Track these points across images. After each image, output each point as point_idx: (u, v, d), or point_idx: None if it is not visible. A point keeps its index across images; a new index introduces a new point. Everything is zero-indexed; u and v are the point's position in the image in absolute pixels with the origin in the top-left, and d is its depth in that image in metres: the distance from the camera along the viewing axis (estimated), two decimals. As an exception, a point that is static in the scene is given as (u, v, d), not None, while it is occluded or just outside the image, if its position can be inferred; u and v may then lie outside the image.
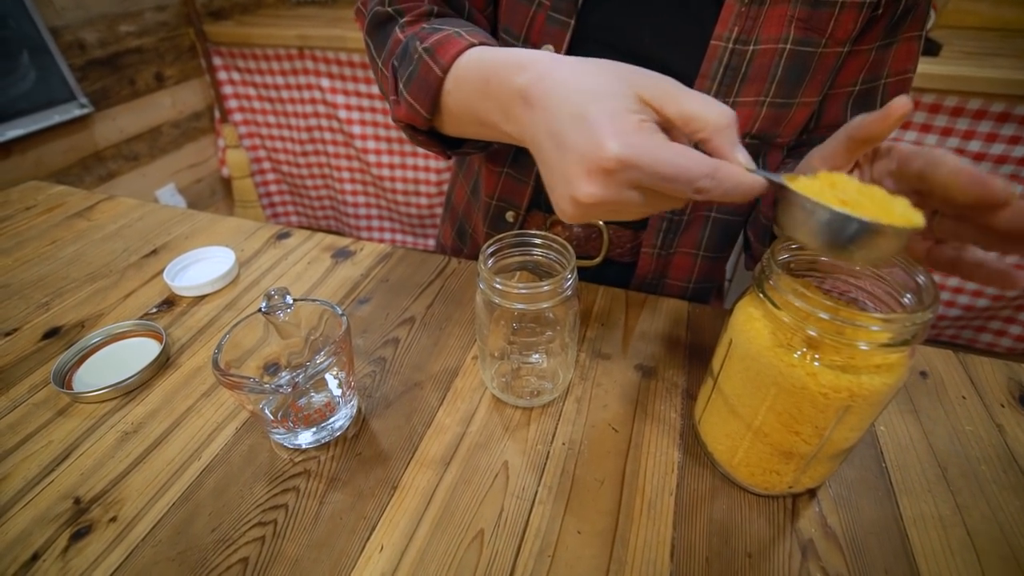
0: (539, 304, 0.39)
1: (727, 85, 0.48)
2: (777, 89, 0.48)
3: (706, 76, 0.48)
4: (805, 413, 0.31)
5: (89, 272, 0.64)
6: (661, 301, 0.57)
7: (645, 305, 0.57)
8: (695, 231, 0.59)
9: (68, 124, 1.51)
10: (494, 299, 0.39)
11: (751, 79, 0.48)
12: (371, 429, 0.44)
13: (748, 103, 0.49)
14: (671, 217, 0.57)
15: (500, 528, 0.37)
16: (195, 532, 0.37)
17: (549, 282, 0.38)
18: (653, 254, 0.60)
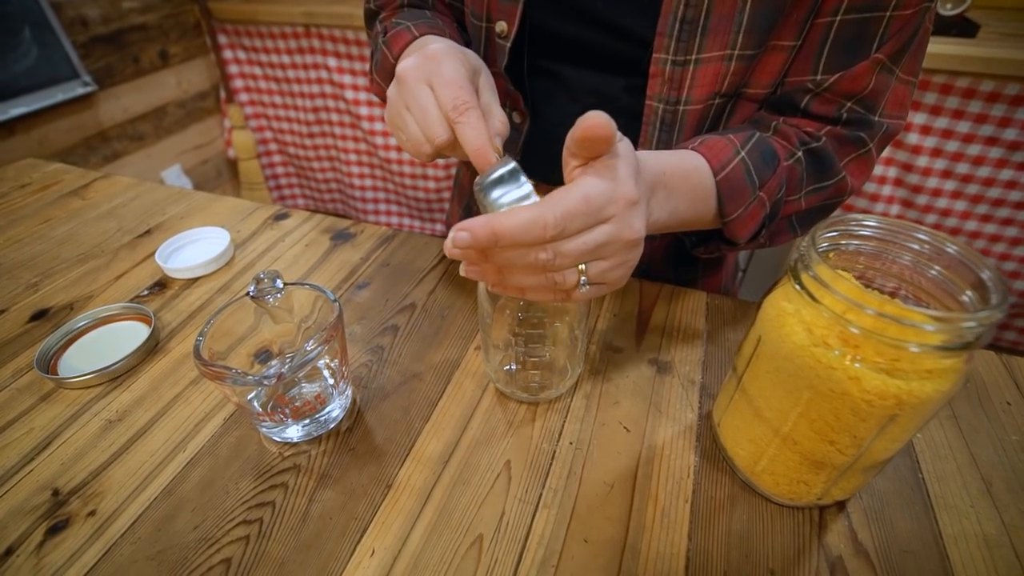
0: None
1: (686, 41, 0.43)
2: (746, 39, 0.43)
3: (663, 34, 0.44)
4: (843, 421, 0.28)
5: (81, 252, 0.62)
6: (678, 291, 0.54)
7: (660, 295, 0.53)
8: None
9: (72, 103, 1.48)
10: (481, 281, 0.36)
11: (712, 31, 0.43)
12: (366, 422, 0.42)
13: (713, 59, 0.44)
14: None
15: (500, 534, 0.34)
16: (176, 529, 0.35)
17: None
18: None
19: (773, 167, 0.44)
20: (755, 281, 1.64)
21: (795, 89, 0.47)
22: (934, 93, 1.26)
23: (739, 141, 0.43)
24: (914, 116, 1.30)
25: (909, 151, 1.34)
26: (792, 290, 0.30)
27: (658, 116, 0.48)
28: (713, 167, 0.42)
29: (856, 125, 0.47)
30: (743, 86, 0.47)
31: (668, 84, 0.46)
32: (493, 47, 0.53)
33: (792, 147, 0.46)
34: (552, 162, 0.57)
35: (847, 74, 0.44)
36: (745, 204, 0.44)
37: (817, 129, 0.47)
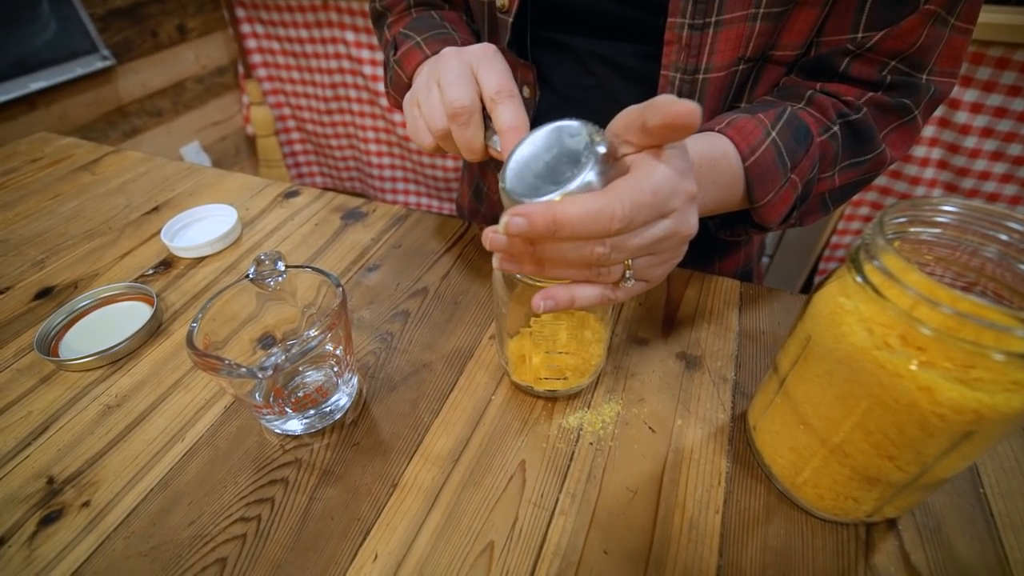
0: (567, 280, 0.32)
1: (704, 3, 0.39)
2: None
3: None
4: (908, 436, 0.24)
5: (88, 229, 0.61)
6: (709, 279, 0.50)
7: (690, 283, 0.50)
8: None
9: (91, 77, 1.48)
10: (516, 273, 0.33)
11: None
12: (372, 415, 0.39)
13: (736, 20, 0.40)
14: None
15: (513, 541, 0.32)
16: (172, 524, 0.33)
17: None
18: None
19: (806, 146, 0.41)
20: (783, 267, 1.57)
21: (832, 51, 0.42)
22: (988, 68, 1.16)
23: (769, 120, 0.40)
24: (963, 93, 1.21)
25: (957, 131, 1.25)
26: (851, 284, 0.26)
27: (675, 87, 0.44)
28: (742, 152, 0.39)
29: (901, 90, 0.42)
30: (772, 48, 0.43)
31: (686, 51, 0.42)
32: (496, 24, 0.49)
33: (828, 120, 0.42)
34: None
35: (893, 31, 0.39)
36: (776, 188, 0.40)
37: (857, 96, 0.43)
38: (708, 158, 0.38)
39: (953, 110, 1.23)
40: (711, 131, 0.40)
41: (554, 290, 0.29)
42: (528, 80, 0.53)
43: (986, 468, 0.35)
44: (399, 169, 1.94)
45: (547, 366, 0.37)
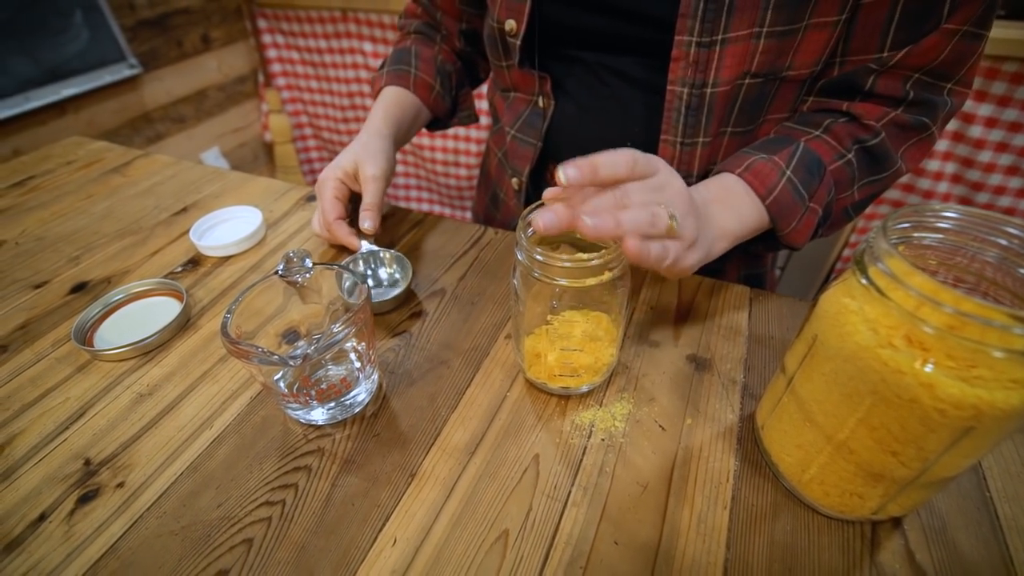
0: (585, 281, 0.34)
1: (711, 21, 0.41)
2: (775, 16, 0.40)
3: (686, 15, 0.42)
4: (910, 431, 0.25)
5: (119, 228, 0.63)
6: (719, 284, 0.51)
7: (700, 288, 0.51)
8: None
9: (118, 85, 1.53)
10: (534, 272, 0.34)
11: (739, 9, 0.41)
12: (391, 408, 0.41)
13: (740, 38, 0.42)
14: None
15: (527, 530, 0.33)
16: (201, 506, 0.35)
17: (598, 256, 0.33)
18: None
19: (820, 176, 0.45)
20: (795, 279, 1.57)
21: (857, 70, 0.45)
22: (1003, 82, 1.17)
23: (783, 161, 0.44)
24: (978, 107, 1.21)
25: (971, 145, 1.25)
26: (856, 285, 0.27)
27: (682, 100, 0.46)
28: (760, 193, 0.43)
29: (921, 107, 0.45)
30: (786, 68, 0.44)
31: (693, 67, 0.44)
32: (507, 47, 0.53)
33: (842, 148, 0.46)
34: (577, 143, 0.56)
35: (915, 49, 0.41)
36: (797, 218, 0.45)
37: (879, 118, 0.45)
38: (723, 189, 0.44)
39: (968, 124, 1.23)
40: (731, 174, 0.44)
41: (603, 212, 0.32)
42: (543, 90, 0.55)
43: (992, 471, 0.35)
44: (413, 177, 1.97)
45: (561, 363, 0.39)
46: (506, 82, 0.59)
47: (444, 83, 0.65)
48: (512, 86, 0.58)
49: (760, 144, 0.47)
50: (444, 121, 0.70)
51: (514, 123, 0.60)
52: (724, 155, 0.51)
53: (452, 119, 0.70)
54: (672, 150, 0.49)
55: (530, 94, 0.57)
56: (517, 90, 0.58)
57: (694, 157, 0.49)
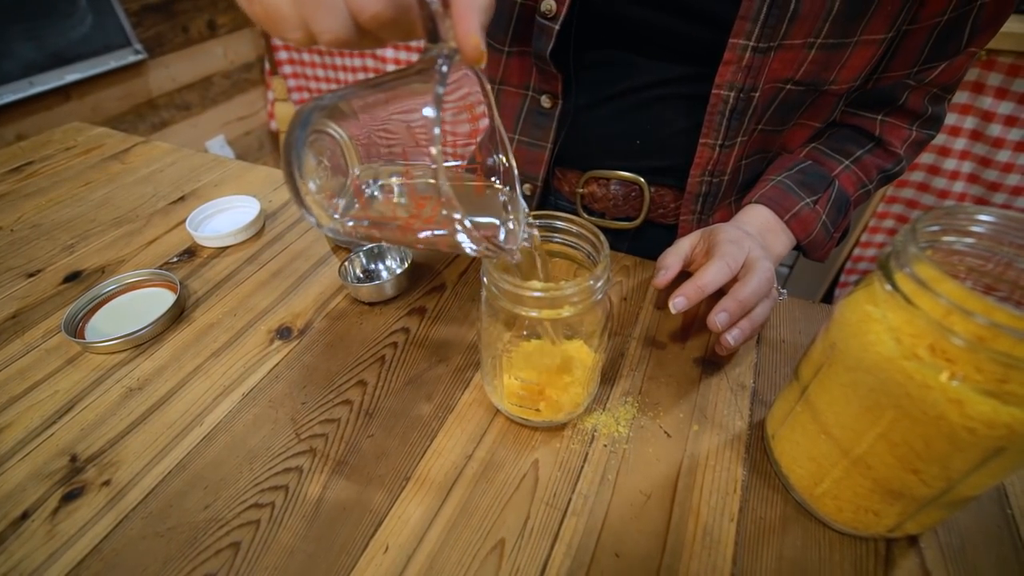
0: (560, 311, 0.30)
1: (771, 27, 0.40)
2: (831, 28, 0.40)
3: (746, 18, 0.40)
4: (935, 449, 0.24)
5: (116, 216, 0.62)
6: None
7: (709, 289, 0.49)
8: (731, 184, 0.52)
9: (123, 70, 1.51)
10: (500, 301, 0.31)
11: (801, 17, 0.39)
12: (386, 408, 0.39)
13: (795, 47, 0.41)
14: (711, 179, 0.50)
15: (524, 539, 0.32)
16: (188, 507, 0.34)
17: (573, 284, 0.29)
18: (693, 220, 0.53)
19: (845, 211, 0.50)
20: (803, 279, 1.55)
21: (895, 84, 0.47)
22: (1026, 80, 1.13)
23: (823, 207, 0.48)
24: (998, 106, 1.18)
25: (990, 144, 1.22)
26: (879, 292, 0.25)
27: (728, 104, 0.45)
28: (800, 238, 0.49)
29: (931, 122, 0.50)
30: (828, 83, 0.44)
31: (744, 72, 0.43)
32: (529, 26, 0.48)
33: (867, 180, 0.51)
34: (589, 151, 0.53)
35: (948, 67, 0.45)
36: (823, 247, 0.50)
37: (903, 142, 0.50)
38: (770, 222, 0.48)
39: (987, 123, 1.20)
40: (774, 214, 0.48)
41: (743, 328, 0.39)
42: (552, 89, 0.51)
43: (1014, 488, 0.34)
44: (419, 168, 1.95)
45: (519, 393, 0.36)
46: (494, 72, 0.55)
47: None
48: (501, 78, 0.55)
49: (802, 177, 0.49)
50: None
51: (514, 126, 0.56)
52: (751, 148, 0.49)
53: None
54: (711, 152, 0.48)
55: (522, 88, 0.54)
56: (506, 83, 0.55)
57: (730, 157, 0.48)
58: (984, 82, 1.16)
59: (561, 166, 0.57)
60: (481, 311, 0.34)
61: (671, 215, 0.54)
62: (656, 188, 0.53)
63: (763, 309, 0.40)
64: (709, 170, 0.49)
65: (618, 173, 0.53)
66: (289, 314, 0.48)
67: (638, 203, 0.54)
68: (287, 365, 0.43)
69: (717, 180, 0.50)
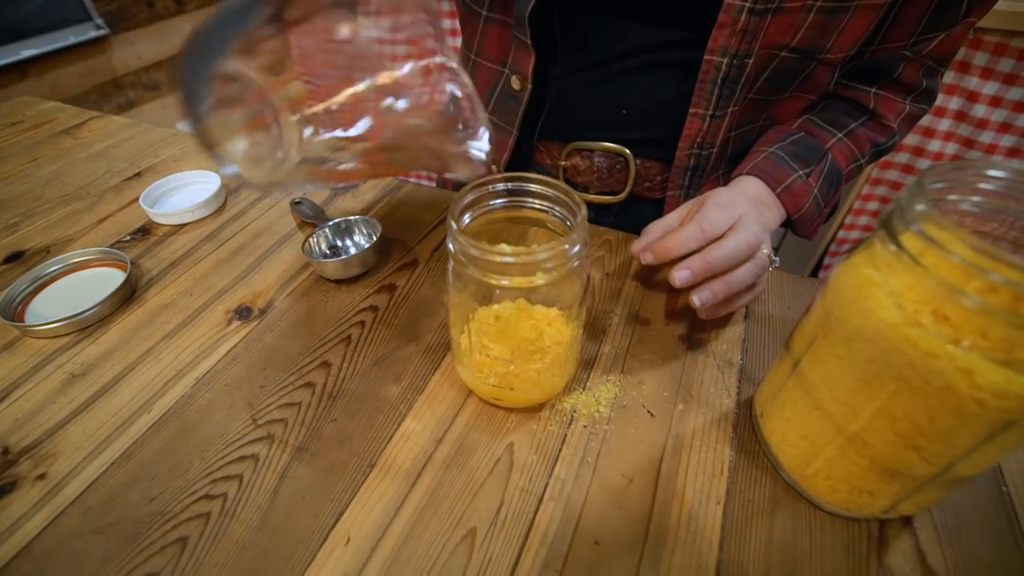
0: (532, 279, 0.27)
1: None
2: None
3: None
4: (940, 424, 0.22)
5: (65, 193, 0.58)
6: (715, 261, 0.47)
7: (695, 264, 0.47)
8: (720, 157, 0.50)
9: (84, 46, 1.44)
10: (468, 270, 0.28)
11: None
12: (351, 390, 0.37)
13: (793, 9, 0.39)
14: (700, 152, 0.48)
15: (497, 528, 0.29)
16: (131, 500, 0.31)
17: (546, 249, 0.26)
18: (680, 195, 0.51)
19: (836, 186, 0.49)
20: (788, 259, 1.54)
21: (892, 56, 0.46)
22: (1011, 60, 1.12)
23: (815, 180, 0.46)
24: (984, 86, 1.17)
25: (974, 125, 1.21)
26: (882, 254, 0.23)
27: (720, 72, 0.42)
28: (791, 212, 0.46)
29: (925, 96, 0.48)
30: (824, 51, 0.42)
31: (739, 36, 0.40)
32: None
33: (859, 154, 0.49)
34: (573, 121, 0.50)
35: (945, 38, 0.43)
36: (813, 223, 0.49)
37: (896, 115, 0.48)
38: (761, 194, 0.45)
39: (972, 103, 1.20)
40: (766, 186, 0.45)
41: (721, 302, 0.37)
42: (522, 69, 0.48)
43: (1009, 466, 0.32)
44: (400, 151, 1.90)
45: (491, 371, 0.33)
46: (473, 40, 0.52)
47: None
48: (477, 48, 0.52)
49: (794, 148, 0.47)
50: None
51: (486, 103, 0.54)
52: (740, 119, 0.47)
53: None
54: (701, 123, 0.45)
55: (497, 64, 0.51)
56: (481, 55, 0.52)
57: (720, 128, 0.46)
58: (970, 61, 1.15)
59: (543, 138, 0.54)
60: (447, 283, 0.31)
61: (657, 189, 0.52)
62: (642, 161, 0.51)
63: (744, 272, 0.37)
64: (698, 142, 0.46)
65: (602, 144, 0.50)
66: (249, 293, 0.44)
67: (623, 176, 0.52)
68: (246, 347, 0.40)
69: (706, 152, 0.47)
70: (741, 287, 0.37)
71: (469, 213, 0.30)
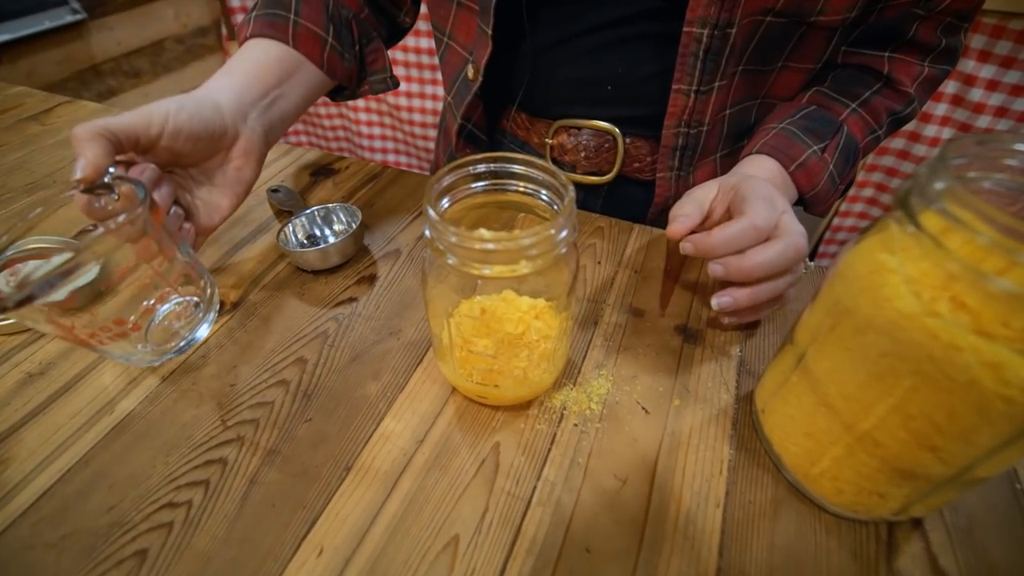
0: (516, 267, 0.25)
1: None
2: None
3: None
4: (960, 422, 0.20)
5: (30, 182, 0.55)
6: (712, 248, 0.45)
7: (691, 252, 0.45)
8: (714, 137, 0.47)
9: (61, 32, 1.39)
10: (448, 259, 0.25)
11: None
12: (327, 388, 0.34)
13: None
14: (688, 131, 0.45)
15: (482, 535, 0.27)
16: (88, 510, 0.29)
17: (531, 234, 0.24)
18: (671, 177, 0.48)
19: (853, 160, 0.46)
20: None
21: (902, 15, 0.42)
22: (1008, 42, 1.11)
23: (831, 155, 0.44)
24: (980, 69, 1.16)
25: (970, 110, 1.20)
26: (897, 237, 0.21)
27: (701, 44, 0.40)
28: (804, 191, 0.44)
29: (945, 55, 0.45)
30: (815, 12, 0.39)
31: (718, 4, 0.38)
32: None
33: (876, 124, 0.46)
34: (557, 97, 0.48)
35: None
36: (826, 201, 0.46)
37: (914, 79, 0.45)
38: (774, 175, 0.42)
39: (968, 87, 1.18)
40: (778, 164, 0.42)
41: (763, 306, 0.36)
42: (477, 59, 0.46)
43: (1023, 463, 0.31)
44: (390, 140, 1.86)
45: (474, 368, 0.31)
46: (445, 24, 0.50)
47: (340, 34, 0.47)
48: (450, 31, 0.50)
49: (807, 123, 0.44)
50: (349, 88, 0.51)
51: (450, 87, 0.52)
52: (734, 96, 0.45)
53: (361, 85, 0.51)
54: (685, 100, 0.43)
55: (465, 51, 0.49)
56: (453, 38, 0.50)
57: (708, 104, 0.43)
58: (967, 44, 1.13)
59: (529, 114, 0.52)
60: (425, 273, 0.29)
61: (647, 170, 0.50)
62: (631, 139, 0.49)
63: (777, 284, 0.34)
64: (685, 120, 0.44)
65: (590, 122, 0.48)
66: (221, 286, 0.42)
67: (611, 156, 0.49)
68: (216, 343, 0.37)
69: (695, 131, 0.45)
70: (768, 298, 0.34)
71: (447, 198, 0.27)
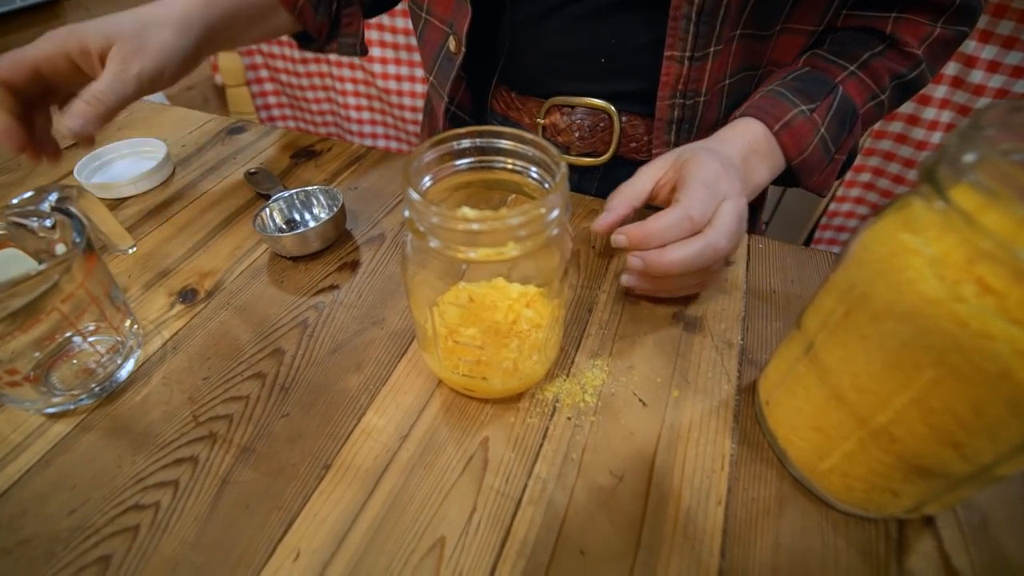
0: (503, 250, 0.23)
1: None
2: None
3: None
4: (987, 417, 0.18)
5: (-6, 165, 0.52)
6: (711, 232, 0.43)
7: (690, 236, 0.43)
8: (713, 109, 0.45)
9: (33, 11, 1.34)
10: (429, 241, 0.23)
11: None
12: (306, 381, 0.32)
13: None
14: (684, 102, 0.43)
15: (469, 537, 0.26)
16: (47, 513, 0.27)
17: (519, 214, 0.22)
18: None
19: (850, 126, 0.42)
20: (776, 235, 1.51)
21: None
22: (1011, 22, 1.08)
23: (821, 116, 0.40)
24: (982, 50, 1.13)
25: (971, 92, 1.18)
26: (922, 214, 0.19)
27: (693, 6, 0.37)
28: (790, 155, 0.41)
29: (961, 15, 0.41)
30: None
31: None
32: None
33: (877, 88, 0.43)
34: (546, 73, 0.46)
35: None
36: (820, 171, 0.43)
37: (921, 40, 0.42)
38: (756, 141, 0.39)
39: (969, 68, 1.15)
40: (763, 125, 0.40)
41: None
42: (458, 29, 0.44)
43: (1037, 452, 0.29)
44: (380, 125, 1.82)
45: (460, 359, 0.29)
46: None
47: None
48: (429, 7, 0.48)
49: (797, 84, 0.41)
50: (317, 40, 0.52)
51: (431, 66, 0.50)
52: (733, 64, 0.42)
53: (330, 43, 0.53)
54: (679, 67, 0.41)
55: (445, 25, 0.47)
56: (432, 13, 0.48)
57: (704, 72, 0.41)
58: (969, 24, 1.11)
59: (519, 92, 0.49)
60: (406, 258, 0.26)
61: (644, 149, 0.47)
62: (628, 117, 0.46)
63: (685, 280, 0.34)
64: (680, 90, 0.42)
65: (584, 100, 0.46)
66: (196, 274, 0.40)
67: (607, 136, 0.47)
68: (188, 333, 0.35)
69: (691, 102, 0.43)
70: (675, 288, 0.35)
71: (429, 175, 0.25)
